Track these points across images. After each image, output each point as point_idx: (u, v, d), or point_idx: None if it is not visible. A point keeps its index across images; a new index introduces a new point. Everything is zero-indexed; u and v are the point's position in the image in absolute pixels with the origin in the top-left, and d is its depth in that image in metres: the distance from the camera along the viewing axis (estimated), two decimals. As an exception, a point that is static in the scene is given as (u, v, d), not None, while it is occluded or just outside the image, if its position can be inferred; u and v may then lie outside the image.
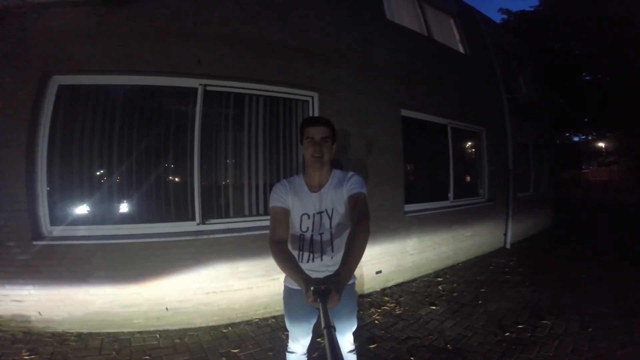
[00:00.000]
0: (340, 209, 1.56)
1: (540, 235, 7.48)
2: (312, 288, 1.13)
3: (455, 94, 5.46)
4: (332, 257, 1.57)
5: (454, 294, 3.85)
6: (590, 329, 2.85)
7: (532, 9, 14.11)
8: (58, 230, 2.79)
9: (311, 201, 1.58)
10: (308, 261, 1.57)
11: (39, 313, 2.71)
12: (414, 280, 4.45)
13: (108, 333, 2.78)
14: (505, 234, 6.44)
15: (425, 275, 4.62)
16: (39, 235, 2.72)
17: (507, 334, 2.84)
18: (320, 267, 1.56)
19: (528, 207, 7.28)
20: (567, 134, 14.63)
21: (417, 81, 4.80)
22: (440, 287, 4.13)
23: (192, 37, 3.09)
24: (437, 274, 4.72)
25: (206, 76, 3.17)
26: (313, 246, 1.57)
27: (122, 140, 2.99)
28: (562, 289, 3.90)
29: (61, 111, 2.86)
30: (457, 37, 6.18)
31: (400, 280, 4.35)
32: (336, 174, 1.62)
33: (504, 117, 6.59)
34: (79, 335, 2.72)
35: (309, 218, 1.57)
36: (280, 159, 3.64)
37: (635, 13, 9.96)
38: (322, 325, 0.99)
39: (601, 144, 17.03)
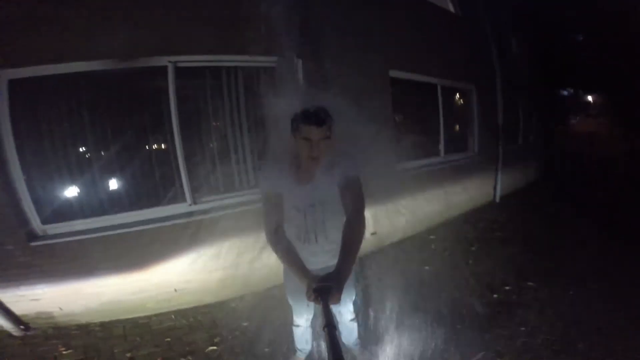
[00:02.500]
0: (331, 194, 1.49)
1: (528, 187, 7.68)
2: (313, 286, 1.14)
3: (446, 53, 5.27)
4: (326, 237, 1.58)
5: (446, 253, 4.03)
6: (571, 292, 3.01)
7: None
8: (51, 228, 2.76)
9: (301, 193, 1.50)
10: (304, 246, 1.58)
11: (60, 308, 2.79)
12: (407, 238, 4.61)
13: (127, 320, 2.91)
14: (494, 188, 6.61)
15: (419, 233, 4.79)
16: (33, 237, 2.69)
17: (496, 295, 3.02)
18: (317, 248, 1.59)
19: (517, 159, 7.41)
20: (556, 89, 14.62)
21: (406, 41, 4.62)
22: (433, 246, 4.30)
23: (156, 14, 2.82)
24: (429, 231, 4.90)
25: (175, 53, 2.93)
26: (308, 235, 1.57)
27: (95, 129, 2.83)
28: (547, 250, 4.03)
29: (20, 107, 2.62)
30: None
31: (394, 239, 4.50)
32: (328, 161, 1.47)
33: (494, 74, 6.48)
34: (102, 325, 2.85)
35: (301, 210, 1.52)
36: (265, 129, 3.53)
37: None
38: (323, 324, 0.98)
39: (589, 98, 17.12)
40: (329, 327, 0.96)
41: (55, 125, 2.74)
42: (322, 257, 1.61)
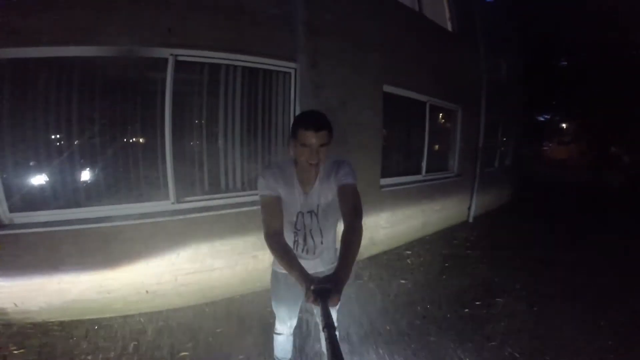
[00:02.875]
0: (328, 201, 1.54)
1: (500, 209, 8.02)
2: (312, 288, 1.14)
3: (438, 71, 5.42)
4: (322, 242, 1.61)
5: (421, 268, 4.15)
6: (535, 309, 3.18)
7: None
8: (19, 217, 2.59)
9: (300, 199, 1.54)
10: (302, 251, 1.62)
11: (15, 304, 2.60)
12: (385, 252, 4.70)
13: (90, 320, 2.75)
14: (469, 208, 6.85)
15: (396, 248, 4.91)
16: None
17: (466, 310, 3.15)
18: (313, 251, 1.62)
19: (492, 182, 7.72)
20: (535, 114, 15.34)
21: (403, 57, 4.71)
22: (409, 261, 4.41)
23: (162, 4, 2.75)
24: (407, 246, 5.02)
25: (177, 46, 2.86)
26: (305, 240, 1.60)
27: (82, 116, 2.68)
28: (516, 267, 4.24)
29: (5, 87, 2.47)
30: (448, 14, 6.02)
31: (373, 252, 4.58)
32: (325, 166, 1.52)
33: (480, 96, 6.73)
34: (61, 324, 2.67)
35: (298, 216, 1.55)
36: (258, 132, 3.50)
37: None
38: (322, 325, 1.00)
39: (563, 125, 18.05)
40: (329, 328, 0.97)
41: (40, 108, 2.59)
42: (316, 263, 1.64)
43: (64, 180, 2.69)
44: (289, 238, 1.56)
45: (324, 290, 1.11)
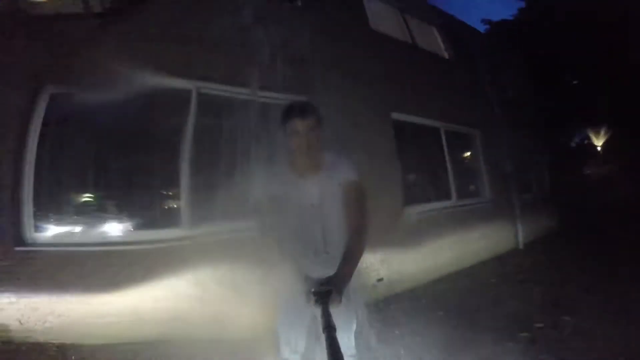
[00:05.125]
0: (330, 200, 1.43)
1: (548, 237, 7.26)
2: (312, 289, 1.11)
3: (445, 98, 5.51)
4: (327, 252, 1.47)
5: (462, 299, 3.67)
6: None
7: (512, 17, 14.75)
8: (41, 237, 2.70)
9: (298, 193, 1.44)
10: (304, 255, 1.46)
11: (20, 322, 2.57)
12: (418, 287, 4.23)
13: (91, 345, 2.62)
14: (516, 235, 6.26)
15: (431, 281, 4.41)
16: (21, 242, 2.62)
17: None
18: (317, 260, 1.46)
19: (533, 208, 7.12)
20: (565, 138, 14.89)
21: (405, 86, 4.88)
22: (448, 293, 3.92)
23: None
24: (442, 278, 4.51)
25: (200, 79, 3.16)
26: (307, 241, 1.47)
27: (110, 146, 2.99)
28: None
29: (50, 119, 2.83)
30: (442, 45, 6.36)
31: (404, 287, 4.14)
32: (326, 159, 1.46)
33: (495, 120, 6.61)
34: (60, 346, 2.56)
35: (297, 213, 1.45)
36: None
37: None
38: (322, 326, 0.98)
39: (597, 146, 17.28)
40: (329, 329, 0.96)
41: (77, 139, 2.92)
42: (318, 266, 1.44)
43: (87, 206, 2.90)
44: (291, 240, 1.44)
45: (324, 292, 1.10)
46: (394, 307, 3.57)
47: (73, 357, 2.47)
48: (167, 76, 3.01)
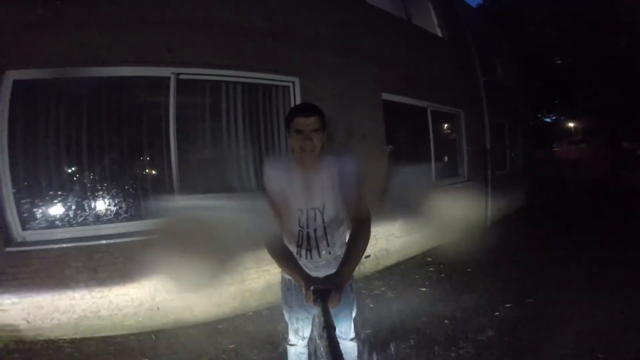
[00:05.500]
0: (332, 201, 1.45)
1: (516, 214, 7.73)
2: (311, 288, 1.12)
3: (434, 77, 5.50)
4: (330, 252, 1.51)
5: (442, 275, 3.94)
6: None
7: None
8: (31, 235, 2.61)
9: (302, 194, 1.46)
10: (307, 257, 1.50)
11: (27, 321, 2.57)
12: (402, 262, 4.50)
13: (102, 337, 2.67)
14: (485, 213, 6.63)
15: (413, 257, 4.70)
16: (10, 242, 2.53)
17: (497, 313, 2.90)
18: (320, 262, 1.51)
19: (505, 186, 7.52)
20: (539, 115, 15.26)
21: (397, 65, 4.80)
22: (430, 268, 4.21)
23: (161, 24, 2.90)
24: (424, 254, 4.80)
25: (178, 64, 2.98)
26: (309, 242, 1.49)
27: (91, 135, 2.79)
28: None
29: (19, 108, 2.61)
30: (436, 21, 6.20)
31: (389, 263, 4.41)
32: (327, 161, 1.45)
33: (481, 99, 6.72)
34: (73, 341, 2.60)
35: (302, 214, 1.47)
36: (261, 146, 3.53)
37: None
38: (322, 325, 0.98)
39: (571, 124, 17.85)
40: (328, 328, 0.96)
41: (52, 128, 2.72)
42: (319, 265, 1.52)
43: (74, 198, 2.75)
44: (292, 240, 1.50)
45: (323, 290, 1.11)
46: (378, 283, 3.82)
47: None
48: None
